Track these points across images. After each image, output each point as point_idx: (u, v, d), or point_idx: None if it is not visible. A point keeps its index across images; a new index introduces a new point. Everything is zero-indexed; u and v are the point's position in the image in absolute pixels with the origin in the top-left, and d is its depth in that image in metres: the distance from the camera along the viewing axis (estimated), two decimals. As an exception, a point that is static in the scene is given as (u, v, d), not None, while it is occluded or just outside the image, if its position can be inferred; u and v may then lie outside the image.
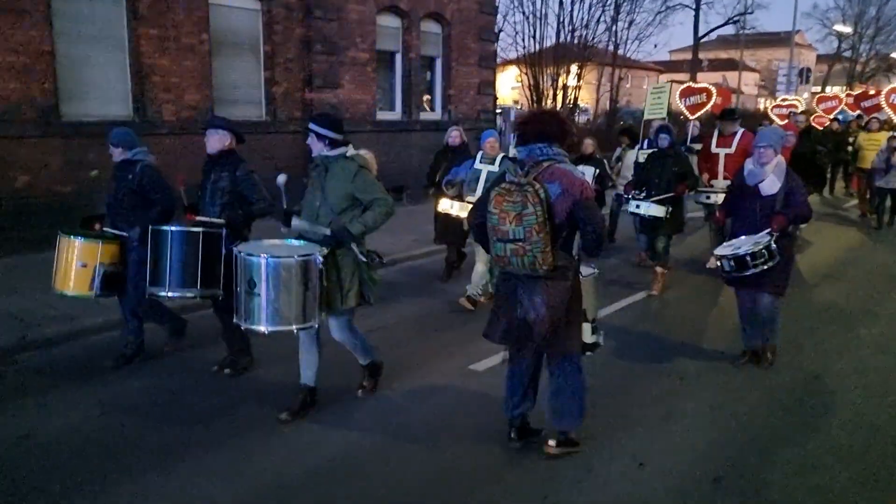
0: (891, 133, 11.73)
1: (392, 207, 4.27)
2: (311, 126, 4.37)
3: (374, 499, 3.58)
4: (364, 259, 4.24)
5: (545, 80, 19.26)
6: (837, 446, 4.12)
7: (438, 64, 14.59)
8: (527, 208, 3.40)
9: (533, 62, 19.54)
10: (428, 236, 9.92)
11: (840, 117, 16.96)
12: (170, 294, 4.74)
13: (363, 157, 4.36)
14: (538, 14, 19.70)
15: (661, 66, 57.80)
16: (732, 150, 7.92)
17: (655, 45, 57.21)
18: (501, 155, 6.81)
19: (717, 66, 59.11)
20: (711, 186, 7.99)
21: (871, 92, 16.65)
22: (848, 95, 17.71)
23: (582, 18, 19.84)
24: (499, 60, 23.36)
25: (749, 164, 5.16)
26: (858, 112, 15.81)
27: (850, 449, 4.09)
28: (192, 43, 10.17)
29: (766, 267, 4.79)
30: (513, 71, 28.70)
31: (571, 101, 20.15)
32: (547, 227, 3.42)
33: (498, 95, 31.08)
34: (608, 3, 20.26)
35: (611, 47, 22.07)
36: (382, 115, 13.54)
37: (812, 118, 16.14)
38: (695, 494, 3.61)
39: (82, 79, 9.18)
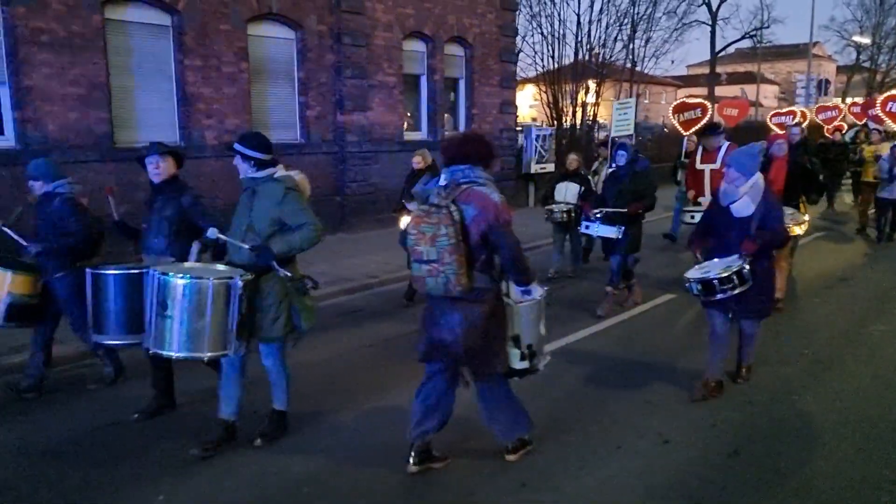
0: (893, 143, 11.47)
1: (320, 234, 4.03)
2: (236, 146, 4.09)
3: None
4: (292, 282, 4.03)
5: (564, 97, 19.71)
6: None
7: (462, 85, 15.17)
8: (440, 230, 3.41)
9: (552, 80, 20.02)
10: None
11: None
12: (113, 342, 4.48)
13: (293, 178, 4.14)
14: (556, 34, 20.17)
15: (679, 81, 58.18)
16: (717, 165, 7.70)
17: (672, 61, 57.09)
18: None
19: (735, 79, 59.33)
20: (699, 204, 7.79)
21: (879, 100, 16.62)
22: (854, 104, 17.57)
23: (599, 37, 20.33)
24: (518, 79, 23.98)
25: (723, 183, 4.93)
26: (865, 121, 15.56)
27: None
28: (233, 71, 10.84)
29: (734, 292, 4.59)
30: (530, 89, 29.26)
31: (591, 118, 20.57)
32: (461, 249, 3.43)
33: (517, 114, 31.62)
34: (625, 21, 20.72)
35: (628, 64, 22.46)
36: (409, 136, 14.12)
37: (826, 129, 16.21)
38: None
39: (133, 107, 9.87)
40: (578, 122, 20.07)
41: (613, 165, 7.66)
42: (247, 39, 11.02)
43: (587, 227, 7.15)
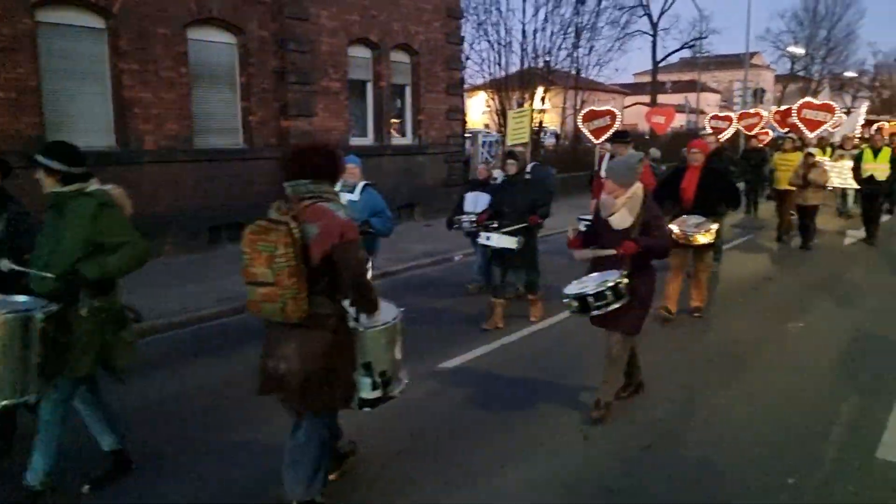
0: (807, 150, 11.68)
1: (145, 252, 3.60)
2: (38, 158, 3.54)
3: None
4: (106, 314, 3.57)
5: (511, 104, 20.02)
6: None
7: (408, 92, 15.27)
8: (278, 250, 3.08)
9: (499, 87, 20.33)
10: (402, 255, 10.54)
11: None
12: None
13: (108, 193, 3.62)
14: (503, 42, 20.49)
15: (626, 89, 59.40)
16: None
17: (617, 70, 58.27)
18: (363, 183, 6.23)
19: (679, 87, 60.89)
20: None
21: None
22: (776, 112, 18.11)
23: (544, 46, 20.72)
24: (467, 86, 24.25)
25: (603, 194, 4.75)
26: (787, 129, 15.87)
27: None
28: (172, 76, 10.72)
29: (609, 308, 4.40)
30: (482, 96, 29.61)
31: (537, 124, 20.92)
32: (301, 271, 3.13)
33: (468, 120, 31.94)
34: (569, 30, 21.17)
35: (573, 72, 22.94)
36: (355, 142, 14.14)
37: (756, 137, 16.50)
38: None
39: (67, 112, 9.67)
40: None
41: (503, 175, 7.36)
42: (186, 44, 10.91)
43: (487, 239, 6.87)
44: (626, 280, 4.44)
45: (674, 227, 6.67)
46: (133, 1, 10.07)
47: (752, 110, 19.30)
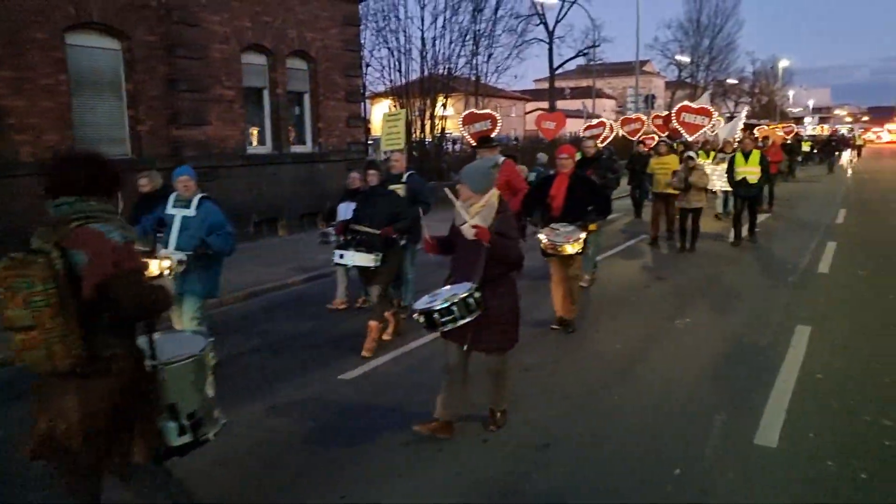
0: (687, 154, 11.72)
1: None
2: None
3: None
4: None
5: (412, 111, 20.09)
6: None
7: (307, 99, 15.05)
8: (35, 286, 2.54)
9: (400, 94, 20.38)
10: (305, 264, 10.35)
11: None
12: None
13: None
14: (403, 49, 20.55)
15: (527, 95, 60.97)
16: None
17: (516, 77, 59.78)
18: (199, 196, 5.67)
19: (578, 94, 63.13)
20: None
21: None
22: (656, 117, 18.87)
23: (443, 53, 20.92)
24: (371, 94, 24.17)
25: (457, 203, 4.46)
26: (667, 133, 16.33)
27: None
28: (50, 83, 10.12)
29: (458, 324, 4.13)
30: (388, 103, 29.62)
31: (439, 131, 21.09)
32: (69, 308, 2.59)
33: (373, 127, 31.82)
34: (467, 38, 21.48)
35: (473, 78, 23.28)
36: (253, 150, 13.82)
37: (644, 142, 17.00)
38: None
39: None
40: (428, 135, 20.55)
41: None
42: (65, 49, 10.34)
43: (341, 257, 6.37)
44: (477, 293, 4.16)
45: (542, 237, 6.63)
46: (5, 4, 9.45)
47: (633, 115, 19.96)
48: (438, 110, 21.07)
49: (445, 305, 4.11)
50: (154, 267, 5.16)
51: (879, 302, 8.04)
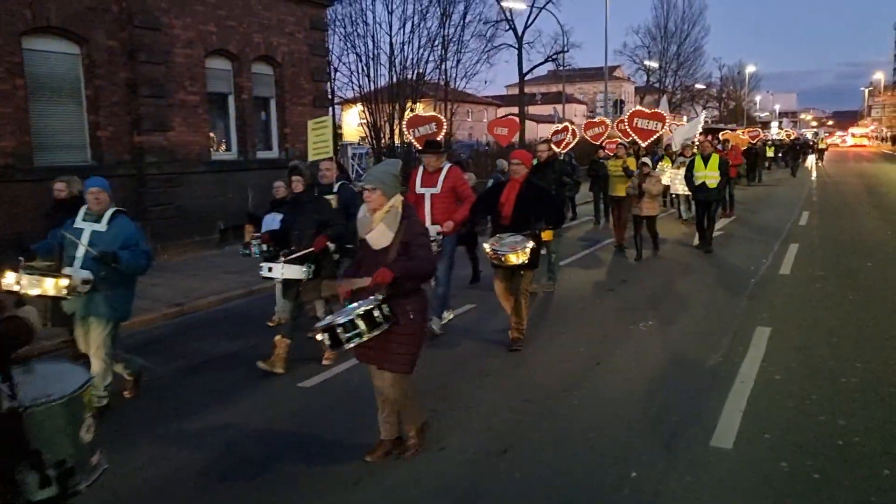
0: (641, 160, 11.37)
1: None
2: None
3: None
4: None
5: (380, 116, 20.05)
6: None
7: (273, 104, 14.92)
8: None
9: (370, 100, 20.33)
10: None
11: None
12: None
13: None
14: (371, 54, 20.50)
15: (498, 101, 61.29)
16: (438, 189, 6.83)
17: (486, 82, 60.00)
18: (112, 210, 5.21)
19: (549, 99, 63.63)
20: None
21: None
22: (619, 122, 18.59)
23: (412, 58, 20.92)
24: (339, 100, 24.07)
25: (361, 209, 4.19)
26: (630, 139, 15.54)
27: (615, 415, 4.91)
28: (6, 88, 9.89)
29: (363, 339, 3.86)
30: (358, 108, 29.54)
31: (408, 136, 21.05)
32: None
33: (345, 132, 31.73)
34: (436, 43, 21.50)
35: (442, 84, 23.31)
36: (218, 156, 13.66)
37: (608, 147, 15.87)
38: None
39: None
40: (397, 140, 20.51)
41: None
42: (22, 54, 10.11)
43: (269, 270, 5.93)
44: (384, 306, 3.89)
45: (486, 246, 6.28)
46: (-44, 7, 9.24)
47: (597, 119, 19.49)
48: (408, 115, 21.06)
49: (349, 319, 3.82)
50: (50, 286, 4.77)
51: (838, 302, 8.17)
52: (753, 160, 24.89)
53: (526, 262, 6.14)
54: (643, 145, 14.28)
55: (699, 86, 58.86)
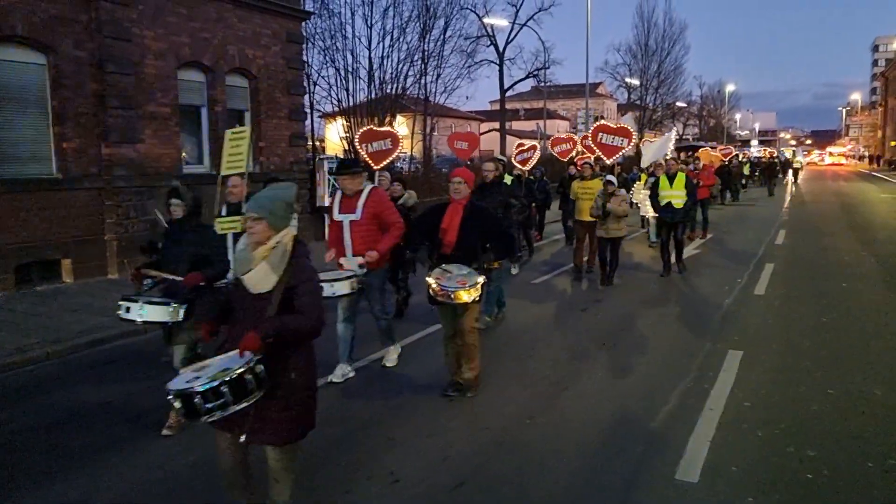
0: (606, 178, 10.43)
1: None
2: None
3: None
4: None
5: (358, 130, 19.86)
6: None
7: (247, 117, 14.70)
8: None
9: (349, 114, 20.17)
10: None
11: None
12: None
13: None
14: (350, 68, 20.35)
15: (482, 116, 61.46)
16: (358, 215, 5.95)
17: (467, 97, 60.26)
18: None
19: (532, 115, 63.91)
20: (341, 267, 6.01)
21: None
22: (584, 138, 16.93)
23: (391, 72, 20.79)
24: (320, 113, 23.87)
25: (241, 241, 3.40)
26: (596, 155, 13.96)
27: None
28: (-33, 98, 9.63)
29: (229, 411, 3.02)
30: (341, 122, 29.34)
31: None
32: None
33: (328, 146, 31.46)
34: (416, 58, 21.40)
35: (422, 98, 23.22)
36: (190, 169, 13.40)
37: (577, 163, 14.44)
38: None
39: None
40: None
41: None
42: (-15, 63, 9.85)
43: (127, 311, 4.89)
44: (259, 367, 3.09)
45: (431, 280, 5.37)
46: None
47: (564, 135, 18.62)
48: (361, 130, 20.90)
49: (212, 385, 2.98)
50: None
51: (812, 324, 8.08)
52: (727, 179, 24.76)
53: (477, 299, 5.45)
54: (608, 162, 13.12)
55: (680, 104, 59.36)
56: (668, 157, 12.54)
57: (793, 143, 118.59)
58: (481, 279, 5.43)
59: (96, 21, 11.24)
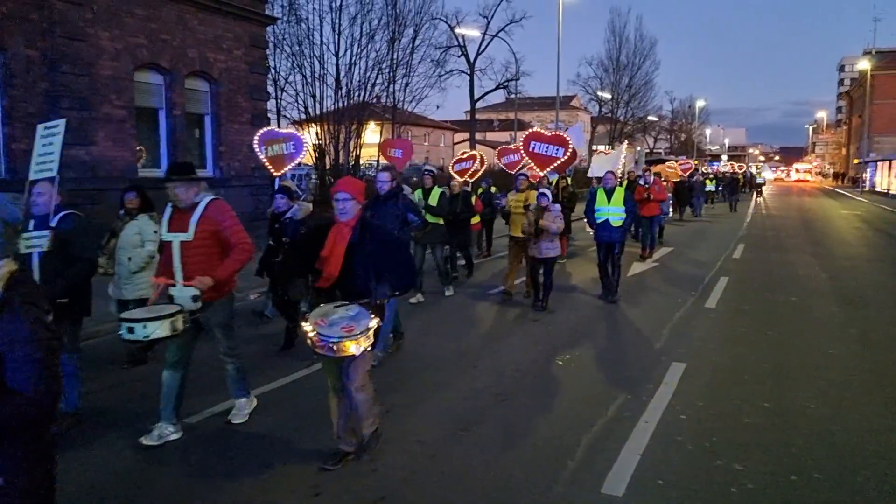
0: (539, 190, 9.48)
1: None
2: None
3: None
4: None
5: (325, 138, 19.80)
6: None
7: (208, 121, 14.55)
8: None
9: (314, 120, 20.09)
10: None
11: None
12: None
13: None
14: (317, 75, 20.27)
15: (456, 126, 61.67)
16: (190, 234, 4.81)
17: (438, 107, 60.60)
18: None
19: (506, 125, 64.32)
20: (170, 296, 4.84)
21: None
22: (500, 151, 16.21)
23: (358, 80, 20.74)
24: (290, 120, 23.69)
25: None
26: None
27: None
28: None
29: None
30: (313, 129, 29.24)
31: (353, 159, 20.81)
32: None
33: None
34: (384, 66, 21.39)
35: (390, 106, 23.20)
36: (147, 173, 13.18)
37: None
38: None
39: None
40: (342, 161, 20.24)
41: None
42: (-72, 60, 9.60)
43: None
44: None
45: (307, 327, 4.20)
46: None
47: (511, 146, 17.26)
48: (359, 136, 20.83)
49: None
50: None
51: (758, 338, 8.15)
52: (686, 195, 24.16)
53: (370, 348, 4.36)
54: (540, 175, 11.70)
55: (651, 118, 60.17)
56: (619, 171, 12.09)
57: (762, 158, 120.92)
58: (374, 322, 4.26)
59: (48, 20, 11.05)
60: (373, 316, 4.29)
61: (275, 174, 9.74)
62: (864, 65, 62.08)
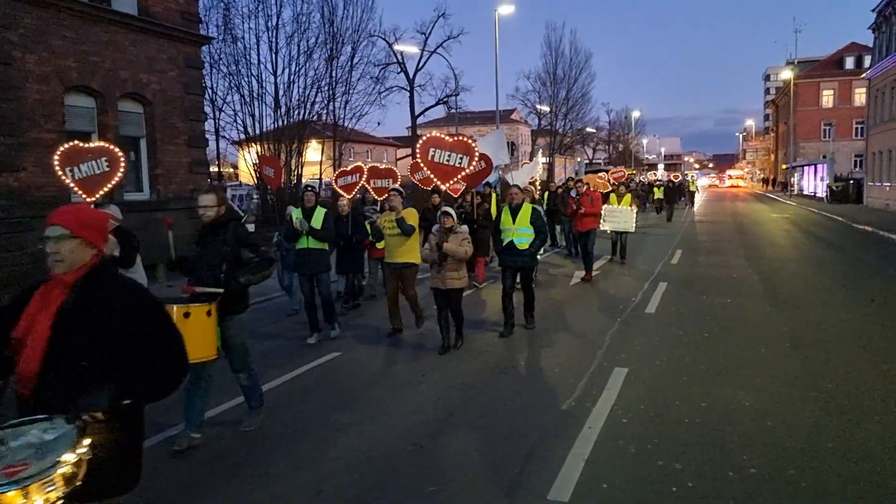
0: (443, 209, 8.13)
1: None
2: None
3: None
4: None
5: (268, 155, 19.59)
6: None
7: (143, 144, 14.25)
8: None
9: (253, 140, 19.90)
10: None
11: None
12: None
13: None
14: (255, 94, 20.10)
15: (399, 142, 61.81)
16: None
17: (378, 123, 60.78)
18: None
19: (449, 140, 64.62)
20: None
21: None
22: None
23: (297, 98, 20.66)
24: (232, 140, 23.38)
25: None
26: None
27: (457, 470, 4.73)
28: None
29: None
30: (255, 148, 28.83)
31: (295, 177, 20.66)
32: None
33: (241, 173, 30.76)
34: (323, 84, 21.35)
35: (331, 123, 23.14)
36: (78, 198, 12.76)
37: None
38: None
39: None
40: (283, 180, 20.06)
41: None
42: None
43: None
44: None
45: None
46: None
47: (349, 167, 13.01)
48: (300, 155, 20.68)
49: None
50: None
51: (695, 340, 8.43)
52: (672, 196, 24.10)
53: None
54: (443, 188, 9.88)
55: (589, 129, 61.56)
56: (526, 184, 11.27)
57: (696, 166, 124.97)
58: (71, 457, 2.27)
59: (-29, 44, 10.69)
60: (81, 441, 2.34)
61: (88, 200, 7.70)
62: (788, 74, 64.92)
